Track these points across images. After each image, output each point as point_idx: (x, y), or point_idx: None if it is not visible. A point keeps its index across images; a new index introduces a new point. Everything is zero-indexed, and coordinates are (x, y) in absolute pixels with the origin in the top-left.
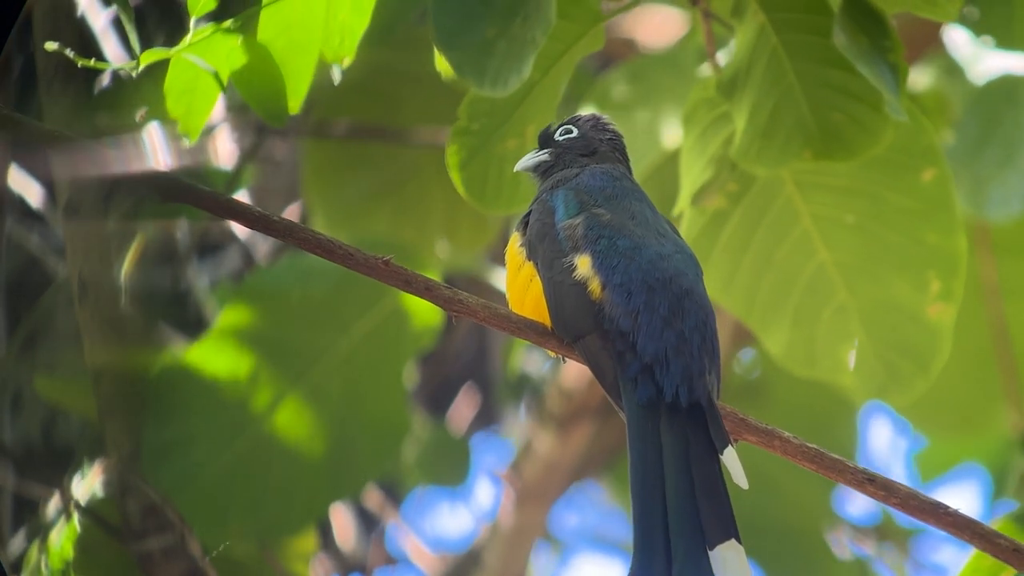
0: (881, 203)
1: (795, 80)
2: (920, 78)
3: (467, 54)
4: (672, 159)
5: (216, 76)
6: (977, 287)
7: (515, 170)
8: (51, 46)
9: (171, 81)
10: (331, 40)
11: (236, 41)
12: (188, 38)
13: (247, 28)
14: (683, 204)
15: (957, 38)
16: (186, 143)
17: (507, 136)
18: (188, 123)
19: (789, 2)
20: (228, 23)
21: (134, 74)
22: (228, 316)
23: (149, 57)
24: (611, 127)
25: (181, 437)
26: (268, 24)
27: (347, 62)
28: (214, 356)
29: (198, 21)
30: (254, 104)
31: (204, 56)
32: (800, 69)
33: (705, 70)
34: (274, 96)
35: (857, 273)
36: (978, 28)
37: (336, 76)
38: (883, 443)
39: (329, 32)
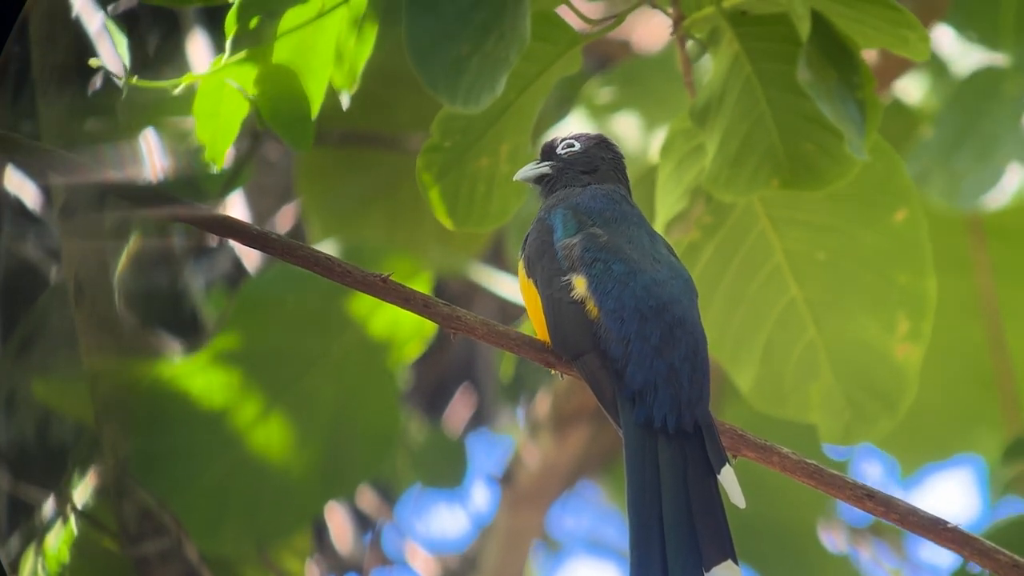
0: (853, 241)
1: (767, 109)
2: (912, 88)
3: (441, 71)
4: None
5: (250, 99)
6: (973, 301)
7: (514, 179)
8: (96, 63)
9: (199, 105)
10: (342, 67)
11: (263, 65)
12: (223, 59)
13: (268, 53)
14: None
15: (941, 35)
16: (212, 168)
17: (480, 154)
18: (214, 149)
19: (764, 32)
20: (254, 49)
21: (175, 92)
22: (225, 327)
23: (191, 78)
24: (614, 147)
25: (178, 443)
26: (282, 50)
27: (354, 88)
28: (210, 364)
29: (224, 43)
30: (280, 129)
31: (235, 77)
32: (772, 98)
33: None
34: (301, 121)
35: (827, 311)
36: (965, 26)
37: (345, 102)
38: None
39: (339, 59)
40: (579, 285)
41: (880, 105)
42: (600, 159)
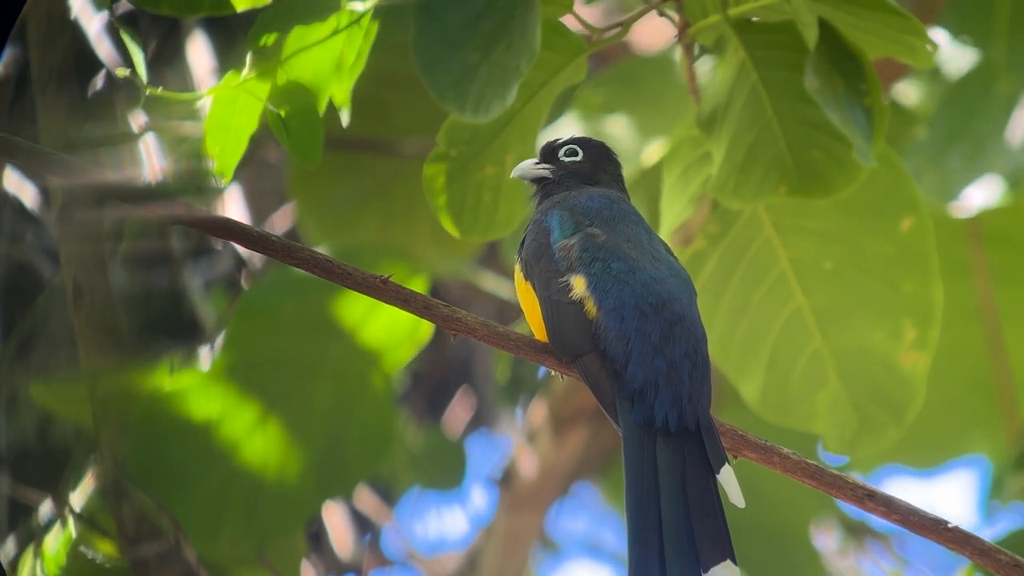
0: (859, 250)
1: (773, 116)
2: (911, 91)
3: (449, 80)
4: (659, 164)
5: (274, 112)
6: (972, 305)
7: (512, 176)
8: (122, 72)
9: (211, 118)
10: (342, 83)
11: (277, 80)
12: (244, 73)
13: (282, 68)
14: None
15: (937, 37)
16: (221, 182)
17: (486, 163)
18: (223, 162)
19: (770, 39)
20: (269, 64)
21: (197, 105)
22: (223, 334)
23: (214, 91)
24: (615, 157)
25: (177, 448)
26: (289, 65)
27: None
28: (208, 370)
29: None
30: (290, 143)
31: (242, 93)
32: (779, 106)
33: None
34: (310, 136)
35: (833, 319)
36: (959, 26)
37: (345, 119)
38: None
39: (339, 75)
40: (578, 285)
41: (887, 112)
42: (602, 171)
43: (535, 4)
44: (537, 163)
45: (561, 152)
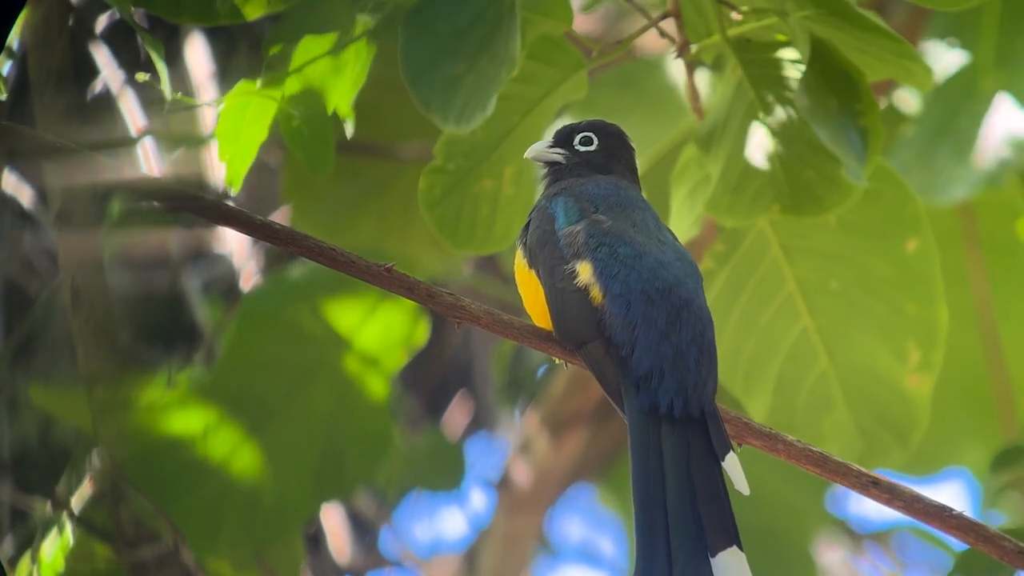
0: (865, 270)
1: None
2: (910, 98)
3: (435, 91)
4: (654, 167)
5: (292, 117)
6: (969, 312)
7: (525, 156)
8: (142, 77)
9: (222, 126)
10: (345, 94)
11: (289, 89)
12: (259, 82)
13: (292, 78)
14: None
15: (928, 46)
16: (231, 191)
17: (483, 177)
18: (233, 170)
19: (767, 59)
20: (279, 73)
21: (217, 109)
22: (222, 342)
23: (230, 99)
24: (630, 144)
25: (174, 456)
26: (298, 76)
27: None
28: (207, 378)
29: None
30: (302, 151)
31: (253, 102)
32: (774, 124)
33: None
34: (322, 144)
35: (839, 340)
36: (951, 26)
37: (349, 130)
38: None
39: (344, 87)
40: (583, 272)
41: (883, 132)
42: (616, 160)
43: (517, 13)
44: (551, 146)
45: (576, 140)
